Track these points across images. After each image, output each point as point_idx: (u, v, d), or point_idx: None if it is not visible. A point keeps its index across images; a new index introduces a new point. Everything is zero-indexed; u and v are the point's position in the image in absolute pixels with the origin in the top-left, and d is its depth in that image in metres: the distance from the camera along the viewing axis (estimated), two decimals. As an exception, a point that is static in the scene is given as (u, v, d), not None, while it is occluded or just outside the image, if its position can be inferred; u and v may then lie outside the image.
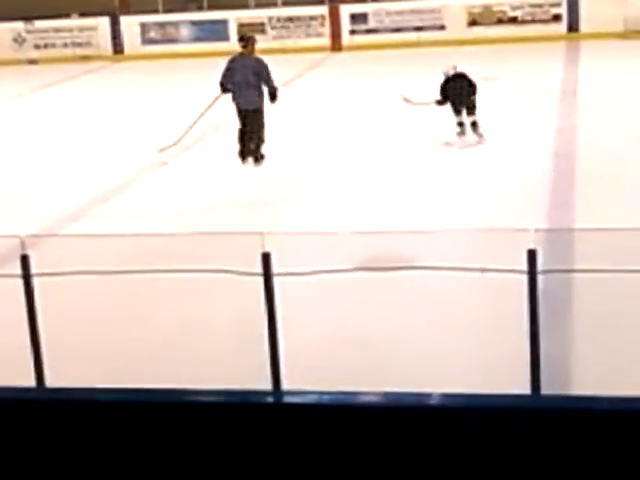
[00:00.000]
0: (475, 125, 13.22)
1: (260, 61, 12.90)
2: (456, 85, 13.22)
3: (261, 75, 12.76)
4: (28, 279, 5.89)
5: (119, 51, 24.69)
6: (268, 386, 5.54)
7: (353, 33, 23.57)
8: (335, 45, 23.53)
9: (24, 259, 5.83)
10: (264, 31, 23.25)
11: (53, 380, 5.92)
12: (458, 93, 13.21)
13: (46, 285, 6.09)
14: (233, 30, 23.40)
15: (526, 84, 17.38)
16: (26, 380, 5.91)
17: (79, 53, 24.60)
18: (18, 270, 5.86)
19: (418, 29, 23.14)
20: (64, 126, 16.53)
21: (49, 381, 5.92)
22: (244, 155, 12.96)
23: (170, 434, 4.96)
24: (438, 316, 7.63)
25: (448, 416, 4.79)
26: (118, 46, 24.67)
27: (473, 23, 23.03)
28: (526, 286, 5.42)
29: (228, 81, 12.94)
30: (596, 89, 16.44)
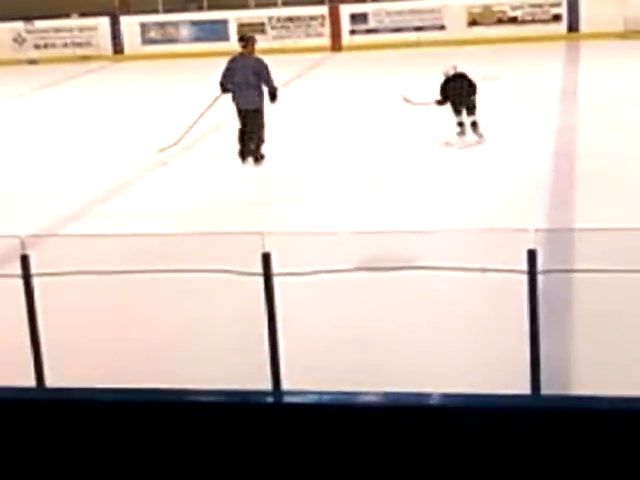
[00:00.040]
0: (475, 125, 13.21)
1: (260, 61, 12.90)
2: (456, 85, 13.21)
3: (261, 75, 12.75)
4: (28, 279, 5.89)
5: (119, 51, 24.69)
6: (268, 386, 5.55)
7: (353, 33, 23.57)
8: (335, 45, 23.53)
9: (24, 259, 5.83)
10: (264, 31, 23.25)
11: (53, 380, 5.92)
12: (458, 93, 13.20)
13: (46, 285, 6.09)
14: (233, 30, 23.41)
15: (526, 84, 17.38)
16: (26, 380, 5.92)
17: (79, 53, 24.60)
18: (18, 270, 5.87)
19: (418, 29, 23.15)
20: (64, 126, 16.53)
21: (49, 381, 5.92)
22: (244, 155, 12.95)
23: (170, 434, 4.96)
24: (438, 316, 7.63)
25: (448, 416, 4.79)
26: (118, 46, 24.67)
27: (473, 23, 23.03)
28: (526, 286, 5.43)
29: (228, 81, 12.94)
30: (596, 89, 16.43)
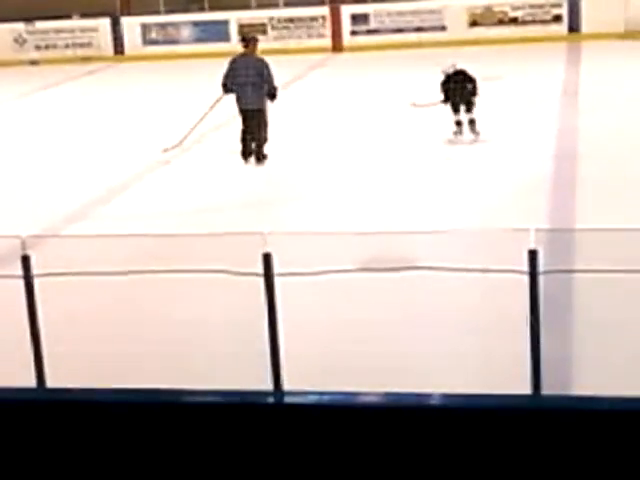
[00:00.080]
0: (473, 122, 13.29)
1: (262, 61, 12.93)
2: (457, 83, 13.25)
3: (263, 75, 12.77)
4: (29, 280, 5.88)
5: (120, 52, 24.70)
6: (269, 386, 5.55)
7: (354, 34, 23.57)
8: (336, 46, 23.53)
9: (25, 260, 5.83)
10: (265, 32, 23.25)
11: (53, 380, 5.92)
12: (459, 91, 13.24)
13: (47, 286, 6.09)
14: (234, 31, 23.43)
15: (527, 85, 17.38)
16: (26, 380, 5.92)
17: (80, 54, 24.61)
18: (19, 271, 5.86)
19: (419, 30, 23.16)
20: (65, 127, 16.53)
21: (49, 381, 5.92)
22: (246, 155, 12.97)
23: (171, 434, 4.96)
24: (439, 316, 7.63)
25: (449, 416, 4.78)
26: (119, 47, 24.68)
27: (474, 24, 23.03)
28: (527, 286, 5.42)
29: (230, 81, 12.96)
30: (597, 90, 16.43)
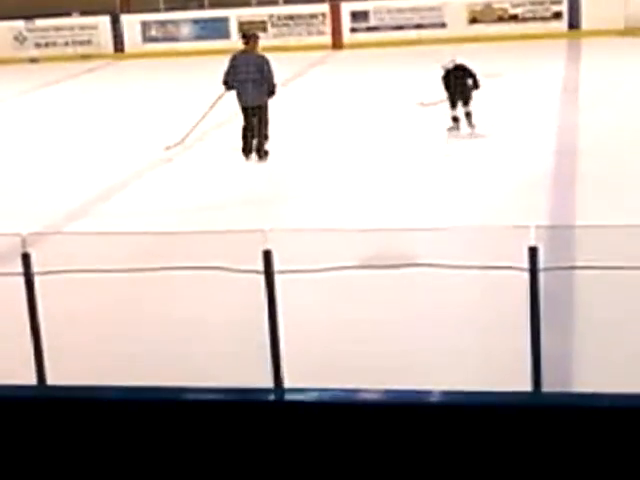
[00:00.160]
0: (469, 115, 13.35)
1: (262, 57, 12.94)
2: (457, 78, 13.27)
3: (264, 72, 12.78)
4: (29, 277, 5.89)
5: (120, 49, 24.67)
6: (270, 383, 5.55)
7: (354, 31, 23.55)
8: (336, 43, 23.51)
9: (25, 257, 5.83)
10: (265, 29, 23.23)
11: (54, 378, 5.92)
12: (460, 87, 13.26)
13: (47, 283, 6.09)
14: (234, 28, 23.41)
15: (527, 82, 17.38)
16: (27, 378, 5.92)
17: (80, 52, 24.59)
18: (19, 268, 5.87)
19: (419, 27, 23.13)
20: (65, 124, 16.52)
21: (50, 379, 5.92)
22: (247, 152, 12.97)
23: (171, 432, 4.96)
24: (439, 313, 7.63)
25: (449, 413, 4.78)
26: (119, 44, 24.65)
27: (474, 21, 23.01)
28: (527, 283, 5.42)
29: (231, 79, 12.97)
30: (597, 86, 16.42)
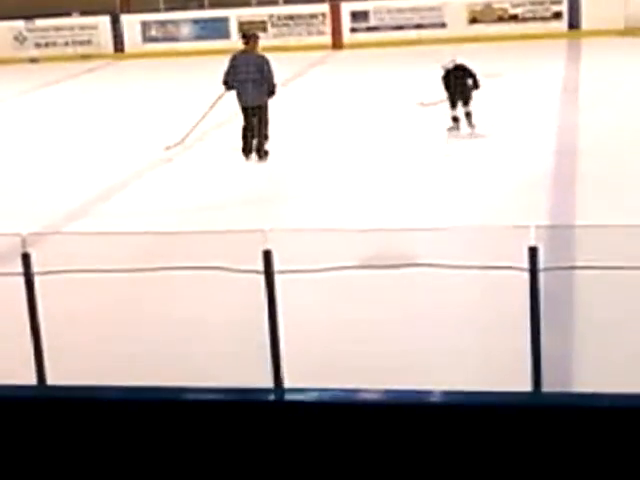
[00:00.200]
0: (469, 115, 13.36)
1: (263, 57, 12.95)
2: (457, 78, 13.27)
3: (264, 72, 12.78)
4: (29, 277, 5.89)
5: (120, 49, 24.67)
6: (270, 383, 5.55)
7: (354, 31, 23.54)
8: (336, 43, 23.51)
9: (25, 257, 5.82)
10: (265, 29, 23.23)
11: (54, 378, 5.92)
12: (460, 87, 13.27)
13: (47, 283, 6.09)
14: (234, 28, 23.41)
15: (527, 82, 17.38)
16: (27, 378, 5.92)
17: (80, 52, 24.59)
18: (19, 268, 5.86)
19: (419, 27, 23.13)
20: (65, 124, 16.52)
21: (50, 379, 5.92)
22: (247, 152, 12.98)
23: (171, 432, 4.96)
24: (439, 313, 7.63)
25: (449, 414, 4.78)
26: (119, 44, 24.65)
27: (474, 21, 23.01)
28: (527, 283, 5.42)
29: (231, 79, 12.97)
30: (597, 86, 16.42)
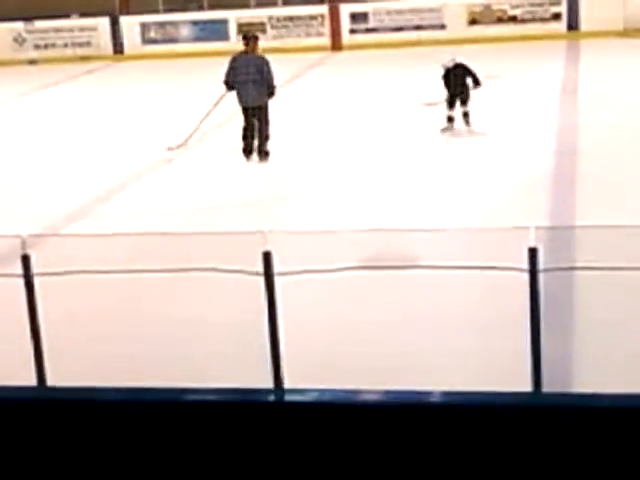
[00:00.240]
0: (467, 115, 13.38)
1: (262, 58, 12.99)
2: (457, 77, 13.29)
3: (264, 72, 12.80)
4: (29, 279, 5.88)
5: (119, 51, 24.67)
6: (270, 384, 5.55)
7: (353, 32, 23.55)
8: (335, 44, 23.51)
9: (25, 259, 5.82)
10: (264, 31, 23.22)
11: (54, 379, 5.92)
12: (459, 87, 13.28)
13: (47, 285, 6.08)
14: (233, 30, 23.42)
15: (527, 83, 17.39)
16: (27, 379, 5.92)
17: (79, 53, 24.58)
18: (19, 270, 5.86)
19: (418, 28, 23.14)
20: (65, 126, 16.52)
21: (50, 380, 5.92)
22: (248, 152, 12.99)
23: (172, 433, 4.96)
24: (439, 314, 7.63)
25: (449, 414, 4.78)
26: (118, 46, 24.65)
27: (473, 22, 23.02)
28: (527, 284, 5.42)
29: (232, 79, 13.00)
30: (596, 87, 16.43)
